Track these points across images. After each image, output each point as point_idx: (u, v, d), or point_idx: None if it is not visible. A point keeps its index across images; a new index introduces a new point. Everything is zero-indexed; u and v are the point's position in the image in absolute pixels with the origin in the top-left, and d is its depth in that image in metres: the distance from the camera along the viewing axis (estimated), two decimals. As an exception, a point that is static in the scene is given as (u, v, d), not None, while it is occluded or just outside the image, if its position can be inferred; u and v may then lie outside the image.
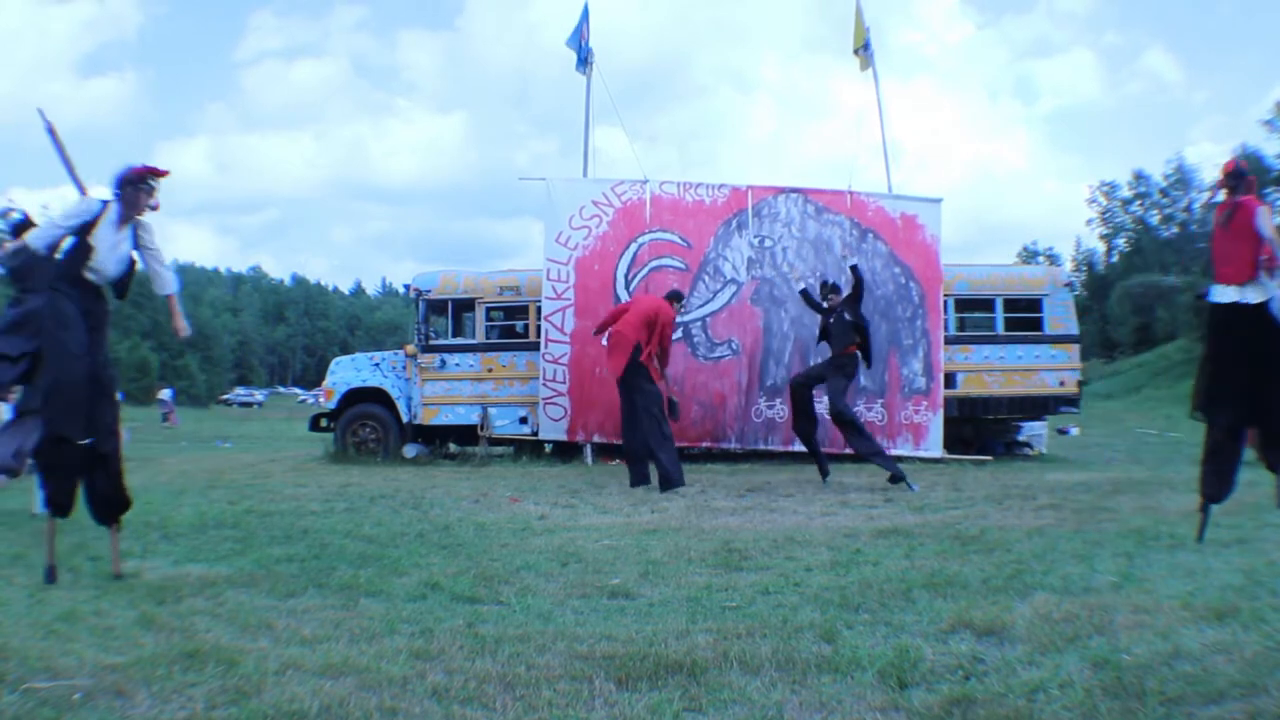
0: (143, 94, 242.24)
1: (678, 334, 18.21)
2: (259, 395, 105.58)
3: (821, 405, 15.92)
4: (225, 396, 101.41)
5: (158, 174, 7.81)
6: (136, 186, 7.66)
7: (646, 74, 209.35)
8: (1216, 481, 8.44)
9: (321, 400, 21.06)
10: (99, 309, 7.62)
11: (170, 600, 6.42)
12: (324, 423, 20.56)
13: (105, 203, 7.61)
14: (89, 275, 7.51)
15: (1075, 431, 25.46)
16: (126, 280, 7.81)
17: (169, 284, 8.02)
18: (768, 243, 19.03)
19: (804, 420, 14.96)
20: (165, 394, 51.88)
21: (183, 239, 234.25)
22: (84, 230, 7.48)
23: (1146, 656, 4.79)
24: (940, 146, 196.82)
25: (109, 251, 7.55)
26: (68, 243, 7.54)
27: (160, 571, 7.52)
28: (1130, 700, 4.24)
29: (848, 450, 15.58)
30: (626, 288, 18.72)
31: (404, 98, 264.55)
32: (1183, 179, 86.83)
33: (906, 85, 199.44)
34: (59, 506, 7.41)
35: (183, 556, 8.26)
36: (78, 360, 7.30)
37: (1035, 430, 21.46)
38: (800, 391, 14.83)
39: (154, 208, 7.83)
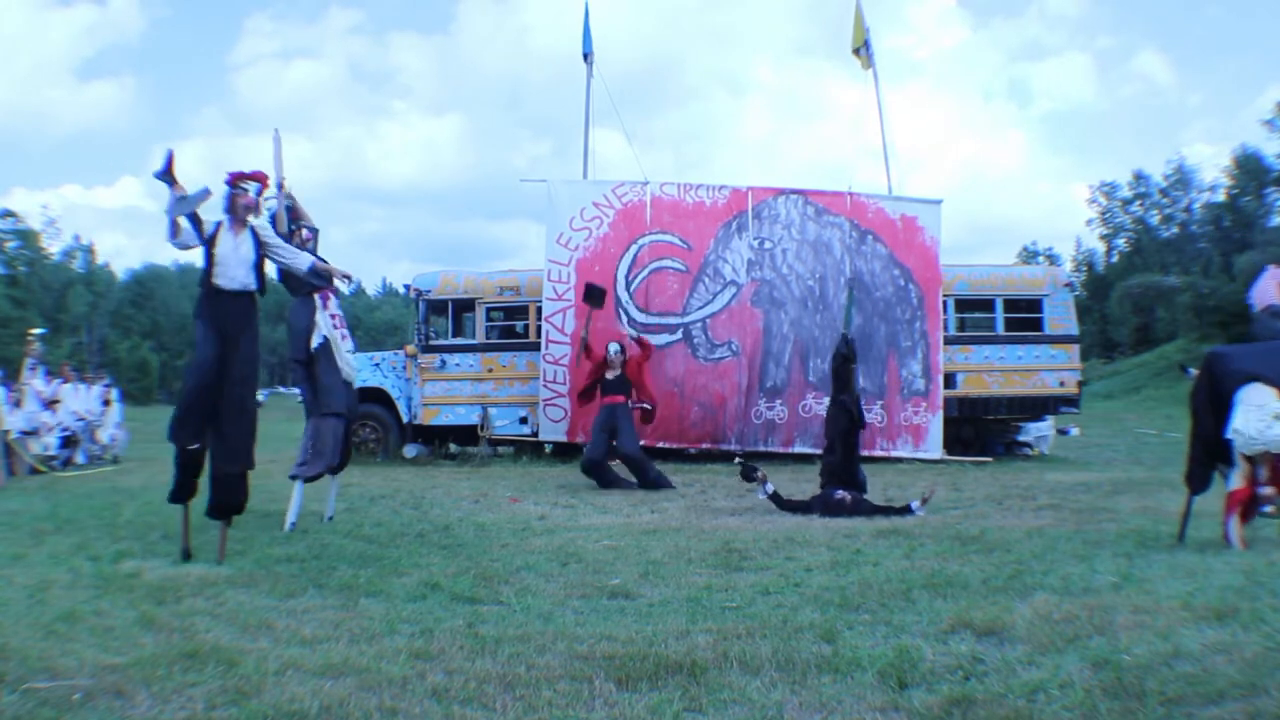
0: (141, 98, 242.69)
1: (677, 335, 18.24)
2: (260, 395, 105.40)
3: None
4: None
5: (247, 178, 8.39)
6: (233, 191, 8.27)
7: (639, 78, 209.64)
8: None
9: (323, 400, 21.01)
10: (237, 317, 8.22)
11: (170, 600, 6.41)
12: (324, 423, 20.47)
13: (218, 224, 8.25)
14: (221, 283, 8.15)
15: (1075, 432, 25.35)
16: (262, 280, 8.43)
17: (302, 265, 8.77)
18: (767, 244, 19.05)
19: None
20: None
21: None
22: (209, 242, 8.11)
23: (1146, 657, 4.79)
24: (934, 149, 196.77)
25: (232, 256, 8.17)
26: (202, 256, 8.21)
27: (160, 571, 7.49)
28: (1130, 700, 4.26)
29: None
30: (627, 289, 18.76)
31: (399, 100, 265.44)
32: (1183, 179, 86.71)
33: (899, 89, 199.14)
34: (177, 497, 8.24)
35: (183, 556, 8.22)
36: (194, 373, 8.15)
37: (1041, 431, 21.50)
38: None
39: (251, 208, 8.40)
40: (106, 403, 21.43)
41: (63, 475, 16.92)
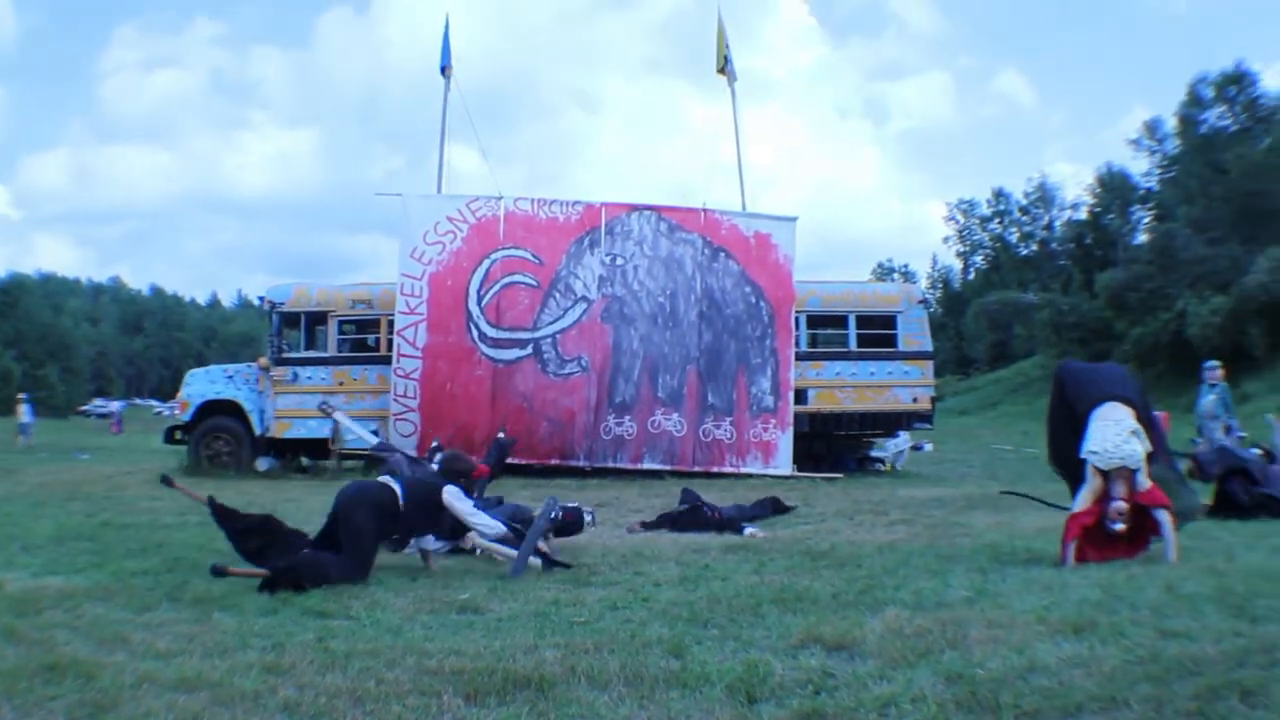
0: (11, 106, 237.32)
1: (527, 350, 18.25)
2: (115, 406, 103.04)
3: None
4: (84, 407, 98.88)
5: None
6: None
7: (495, 93, 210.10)
8: None
9: (177, 413, 20.66)
10: None
11: (30, 613, 6.42)
12: (179, 435, 20.18)
13: None
14: None
15: (929, 447, 25.84)
16: None
17: None
18: (619, 260, 19.17)
19: None
20: (116, 405, 50.65)
21: (43, 249, 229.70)
22: None
23: (1001, 671, 4.81)
24: (788, 166, 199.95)
25: None
26: None
27: (20, 583, 7.49)
28: (984, 714, 4.30)
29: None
30: (479, 304, 18.71)
31: (258, 112, 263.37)
32: (1044, 197, 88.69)
33: (755, 107, 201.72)
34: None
35: (42, 569, 8.27)
36: None
37: (899, 446, 21.73)
38: None
39: None
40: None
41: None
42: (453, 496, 8.36)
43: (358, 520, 7.93)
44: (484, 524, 8.49)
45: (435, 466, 9.99)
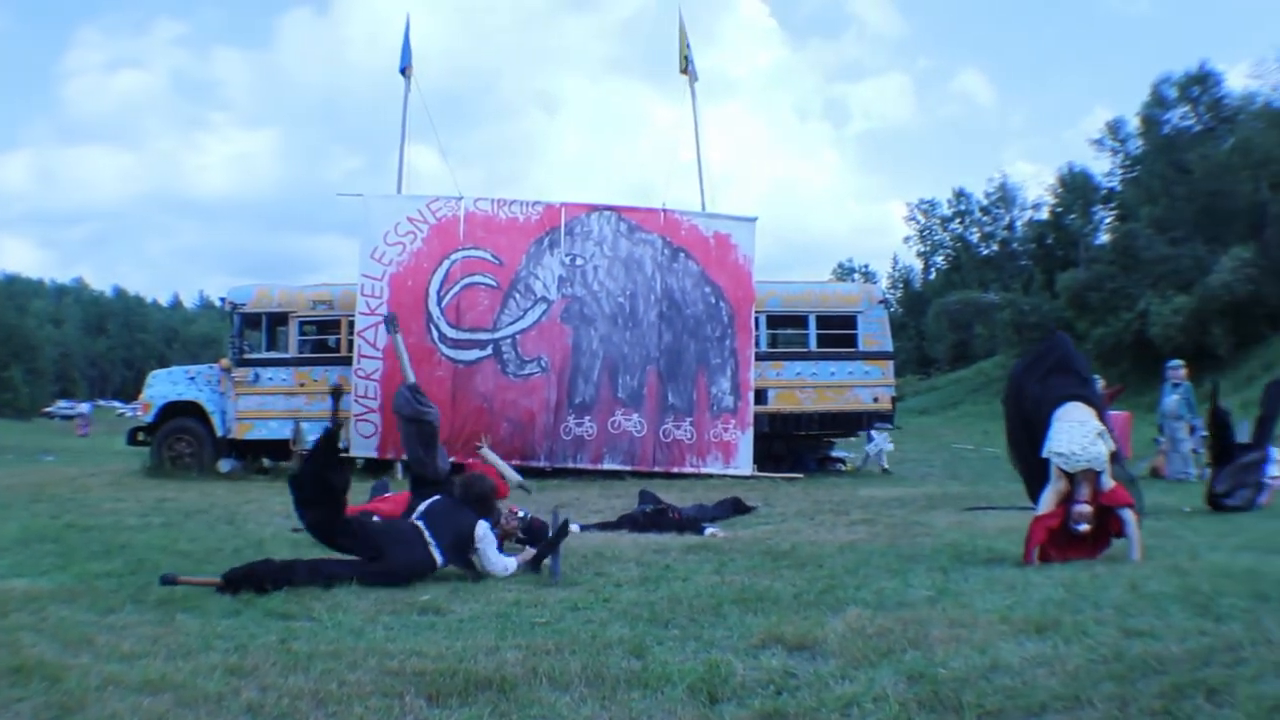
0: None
1: (487, 351, 18.30)
2: (84, 407, 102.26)
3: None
4: (49, 409, 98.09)
5: None
6: None
7: (455, 94, 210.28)
8: None
9: (139, 414, 20.59)
10: None
11: None
12: (141, 436, 20.11)
13: None
14: None
15: (891, 447, 25.93)
16: None
17: None
18: (579, 261, 19.22)
19: None
20: (84, 407, 50.48)
21: (7, 251, 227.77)
22: None
23: (963, 670, 4.82)
24: (748, 167, 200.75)
25: None
26: None
27: None
28: (947, 714, 4.31)
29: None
30: (439, 304, 18.74)
31: (218, 112, 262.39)
32: (1005, 197, 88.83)
33: (714, 107, 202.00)
34: None
35: (7, 571, 8.25)
36: None
37: (881, 445, 21.65)
38: None
39: None
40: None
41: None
42: (484, 542, 8.21)
43: (393, 565, 7.86)
44: (502, 569, 8.26)
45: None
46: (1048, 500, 8.27)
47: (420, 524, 8.18)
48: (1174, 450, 18.11)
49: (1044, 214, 77.38)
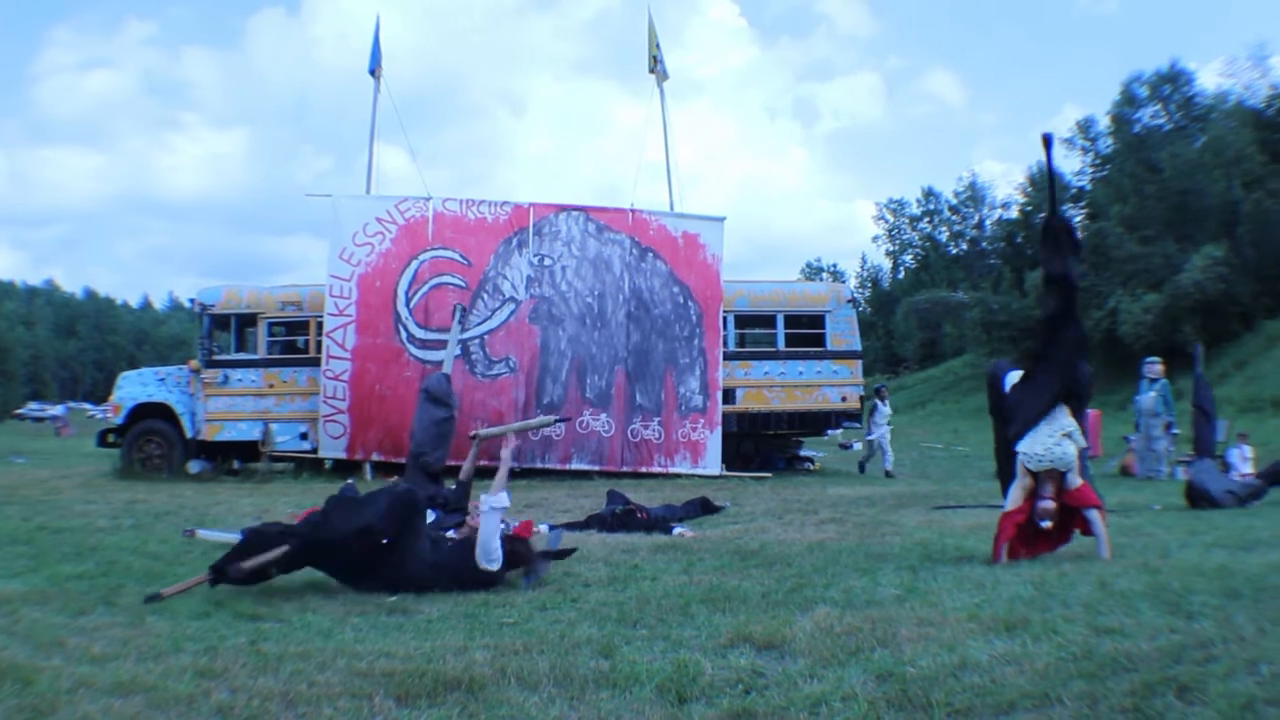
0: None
1: (456, 351, 18.37)
2: (59, 409, 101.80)
3: None
4: (20, 411, 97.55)
5: None
6: None
7: (424, 94, 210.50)
8: None
9: (109, 415, 20.53)
10: None
11: None
12: (112, 438, 20.07)
13: None
14: None
15: (858, 446, 26.06)
16: None
17: None
18: (548, 261, 19.27)
19: None
20: (60, 409, 50.34)
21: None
22: None
23: (932, 669, 4.81)
24: (716, 166, 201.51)
25: None
26: None
27: None
28: (915, 712, 4.30)
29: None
30: (408, 305, 18.76)
31: (189, 113, 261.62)
32: (975, 196, 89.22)
33: (682, 107, 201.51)
34: None
35: None
36: None
37: (886, 436, 21.26)
38: None
39: None
40: None
41: None
42: (487, 518, 7.77)
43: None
44: (493, 555, 7.83)
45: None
46: (1014, 496, 8.33)
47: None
48: (1148, 448, 18.21)
49: (1014, 213, 77.62)
